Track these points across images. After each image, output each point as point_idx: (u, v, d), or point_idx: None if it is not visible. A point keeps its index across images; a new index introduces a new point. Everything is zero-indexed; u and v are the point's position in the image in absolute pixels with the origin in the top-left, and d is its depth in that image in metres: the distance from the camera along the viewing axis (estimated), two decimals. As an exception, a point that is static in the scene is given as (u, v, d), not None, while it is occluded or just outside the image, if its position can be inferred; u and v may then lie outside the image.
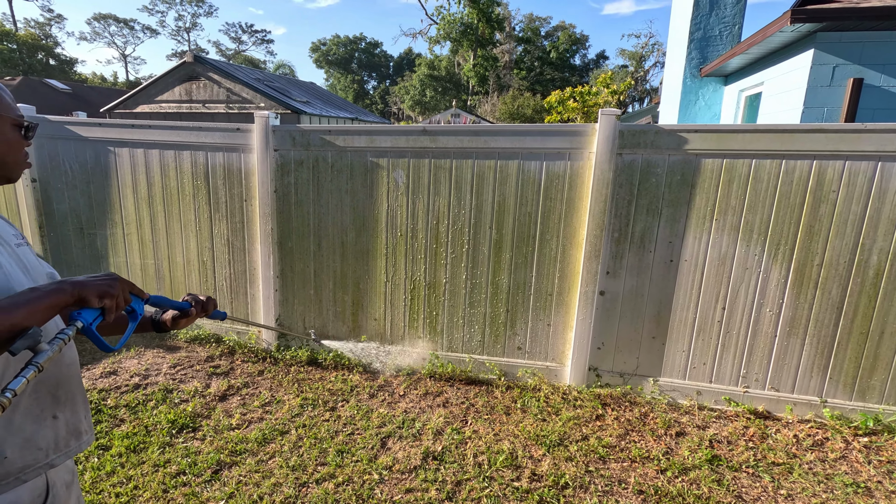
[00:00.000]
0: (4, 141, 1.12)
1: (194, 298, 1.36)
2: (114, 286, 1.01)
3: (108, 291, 1.00)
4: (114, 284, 1.02)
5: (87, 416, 1.27)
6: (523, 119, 28.50)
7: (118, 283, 1.03)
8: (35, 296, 0.92)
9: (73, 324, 0.96)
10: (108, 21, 52.11)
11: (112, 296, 1.01)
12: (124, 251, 4.27)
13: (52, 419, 1.15)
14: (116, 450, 2.75)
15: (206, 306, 1.37)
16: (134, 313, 1.13)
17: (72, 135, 4.14)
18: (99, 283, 1.00)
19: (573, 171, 3.26)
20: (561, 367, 3.56)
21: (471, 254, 3.52)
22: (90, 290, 0.97)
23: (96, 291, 0.98)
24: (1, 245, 1.12)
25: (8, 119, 1.12)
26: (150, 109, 15.79)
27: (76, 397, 1.22)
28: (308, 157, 3.65)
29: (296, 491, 2.49)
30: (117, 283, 1.02)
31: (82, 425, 1.23)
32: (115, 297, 1.01)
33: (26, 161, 1.20)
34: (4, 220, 1.27)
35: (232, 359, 3.90)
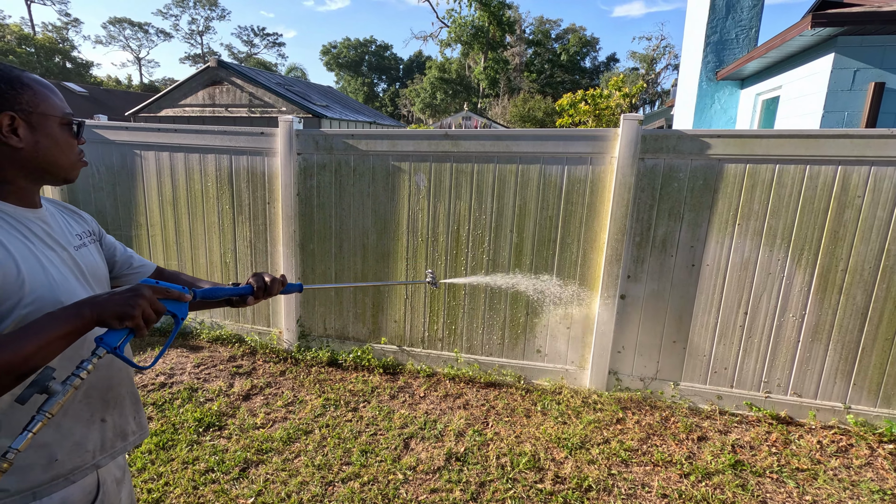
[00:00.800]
0: (54, 141, 1.07)
1: (258, 283, 1.26)
2: (135, 303, 0.93)
3: (127, 312, 0.92)
4: (135, 301, 0.93)
5: (137, 415, 1.28)
6: (534, 121, 28.48)
7: (140, 298, 0.94)
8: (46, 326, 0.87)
9: (96, 353, 0.90)
10: (123, 25, 52.93)
11: (133, 316, 0.93)
12: (149, 252, 4.35)
13: (101, 422, 1.15)
14: (146, 447, 2.81)
15: (270, 289, 1.26)
16: (176, 318, 1.06)
17: (98, 138, 4.23)
18: (118, 302, 0.92)
19: (595, 175, 3.28)
20: (581, 371, 3.57)
21: (491, 257, 3.55)
22: (108, 313, 0.91)
23: (115, 313, 0.91)
24: (53, 248, 1.09)
25: (55, 118, 1.07)
26: (173, 113, 16.02)
27: (125, 400, 1.23)
28: (331, 160, 3.70)
29: (322, 489, 2.53)
30: (139, 300, 0.94)
31: (129, 427, 1.24)
32: (136, 316, 0.93)
33: (81, 160, 1.17)
34: (73, 215, 1.26)
35: (254, 359, 3.95)
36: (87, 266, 1.18)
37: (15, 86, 1.01)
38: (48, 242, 1.09)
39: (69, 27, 48.20)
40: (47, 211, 1.15)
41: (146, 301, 0.95)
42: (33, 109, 1.03)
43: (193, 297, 1.10)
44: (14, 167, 1.04)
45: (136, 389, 1.29)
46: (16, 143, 1.01)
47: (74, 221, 1.24)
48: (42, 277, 1.02)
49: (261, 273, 1.29)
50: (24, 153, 1.03)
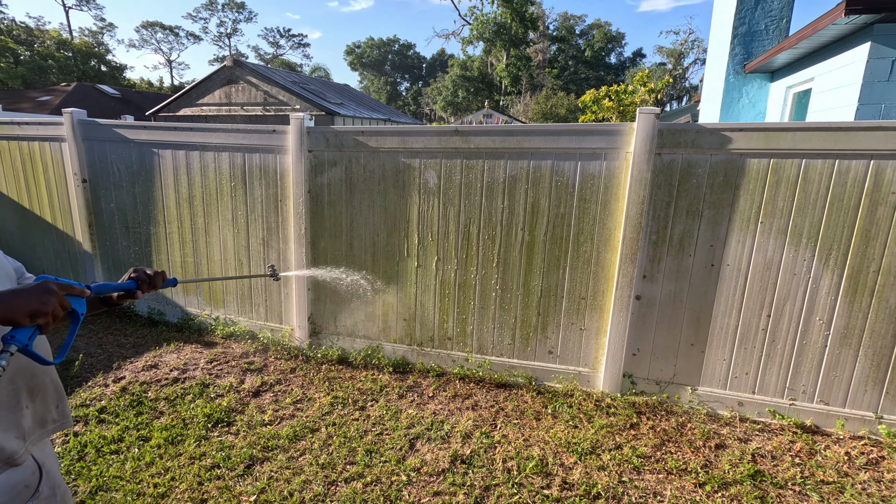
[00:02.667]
0: None
1: (140, 277, 1.31)
2: (46, 301, 0.96)
3: (39, 309, 0.95)
4: (46, 299, 0.96)
5: (60, 404, 1.30)
6: (557, 119, 28.12)
7: (51, 296, 0.97)
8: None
9: (7, 349, 0.92)
10: (155, 28, 54.49)
11: (45, 313, 0.95)
12: (166, 249, 4.42)
13: (25, 409, 1.18)
14: (156, 441, 2.84)
15: (153, 282, 1.33)
16: (75, 314, 1.08)
17: (119, 137, 4.32)
18: (28, 300, 0.94)
19: (609, 171, 3.17)
20: (594, 373, 3.46)
21: (502, 256, 3.48)
22: (18, 311, 0.92)
23: (26, 311, 0.93)
24: None
25: None
26: (191, 112, 16.41)
27: (48, 388, 1.25)
28: (341, 157, 3.68)
29: (325, 489, 2.51)
30: (50, 297, 0.97)
31: (50, 415, 1.26)
32: (48, 313, 0.96)
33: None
34: None
35: (265, 356, 3.98)
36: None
37: None
38: None
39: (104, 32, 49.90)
40: None
41: (56, 298, 0.98)
42: None
43: (88, 294, 1.12)
44: None
45: (58, 379, 1.31)
46: None
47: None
48: None
49: (141, 268, 1.34)
50: None
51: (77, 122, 4.43)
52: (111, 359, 3.86)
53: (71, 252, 4.86)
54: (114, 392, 3.36)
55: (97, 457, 2.71)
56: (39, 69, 34.50)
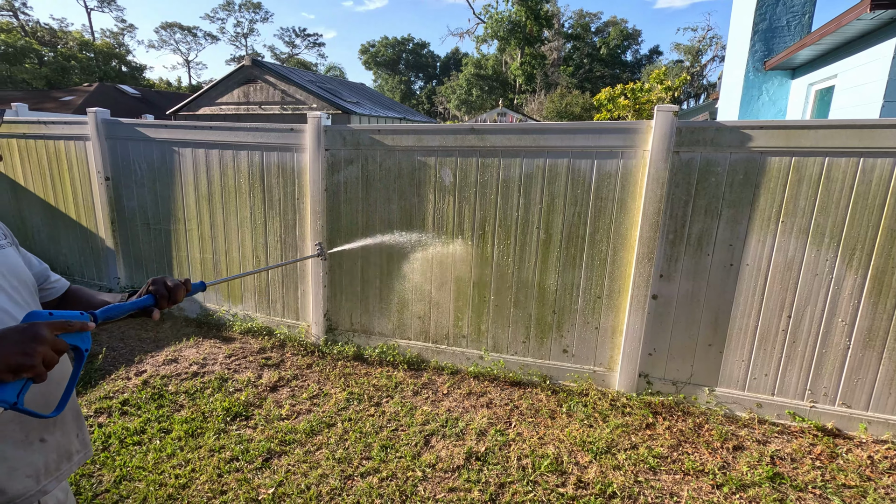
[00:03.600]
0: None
1: (158, 291, 1.13)
2: (32, 351, 0.79)
3: (22, 363, 0.78)
4: (32, 349, 0.79)
5: (80, 433, 1.18)
6: (571, 117, 27.93)
7: (38, 344, 0.80)
8: None
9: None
10: (174, 29, 55.36)
11: (29, 366, 0.78)
12: (185, 246, 4.51)
13: (40, 443, 1.04)
14: (176, 433, 2.91)
15: (174, 296, 1.15)
16: (79, 350, 0.92)
17: (140, 136, 4.41)
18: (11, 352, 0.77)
19: (626, 169, 3.15)
20: (609, 373, 3.45)
21: (517, 254, 3.48)
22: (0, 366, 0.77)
23: (9, 365, 0.77)
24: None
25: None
26: (210, 111, 16.66)
27: (66, 416, 1.11)
28: (358, 156, 3.72)
29: (341, 483, 2.54)
30: (37, 346, 0.80)
31: (73, 446, 1.14)
32: (36, 366, 0.79)
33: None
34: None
35: (282, 351, 4.03)
36: (9, 269, 1.07)
37: None
38: None
39: (125, 33, 50.86)
40: None
41: (46, 345, 0.81)
42: None
43: (95, 320, 0.97)
44: None
45: (77, 405, 1.20)
46: None
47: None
48: None
49: (161, 278, 1.16)
50: None
51: (101, 122, 4.54)
52: (133, 352, 3.95)
53: (94, 248, 4.98)
54: (136, 385, 3.44)
55: (120, 447, 2.78)
56: (62, 70, 35.31)
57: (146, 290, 1.14)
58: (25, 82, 32.01)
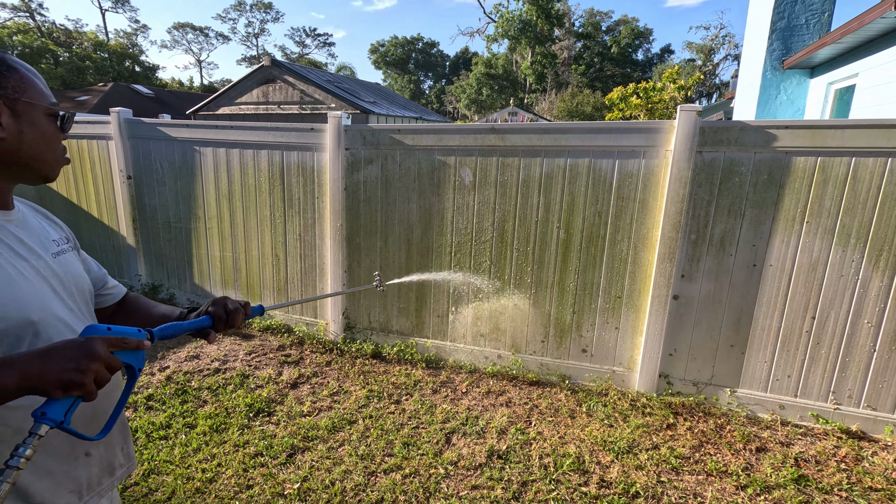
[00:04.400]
0: (39, 132, 0.93)
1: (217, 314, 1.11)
2: (85, 368, 0.75)
3: (75, 380, 0.74)
4: (86, 365, 0.75)
5: (125, 446, 1.15)
6: (582, 116, 27.79)
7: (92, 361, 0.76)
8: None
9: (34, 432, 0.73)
10: (186, 29, 55.91)
11: (81, 384, 0.75)
12: (206, 244, 4.56)
13: (85, 457, 1.01)
14: (201, 428, 2.95)
15: (232, 321, 1.12)
16: (132, 370, 0.90)
17: (162, 135, 4.47)
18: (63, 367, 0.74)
19: (648, 169, 3.14)
20: (629, 373, 3.44)
21: (537, 253, 3.48)
22: (47, 381, 0.73)
23: (59, 381, 0.74)
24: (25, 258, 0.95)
25: (42, 107, 0.93)
26: (230, 111, 16.81)
27: (113, 429, 1.04)
28: (377, 155, 3.74)
29: (365, 479, 2.57)
30: (90, 363, 0.76)
31: (117, 459, 1.11)
32: (87, 384, 0.76)
33: (64, 157, 1.02)
34: (48, 219, 1.13)
35: (301, 349, 4.07)
36: (68, 275, 1.04)
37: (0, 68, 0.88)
38: (19, 250, 0.94)
39: (138, 33, 51.45)
40: (21, 213, 1.01)
41: (100, 362, 0.77)
42: (19, 96, 0.89)
43: (152, 339, 0.96)
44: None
45: (125, 416, 1.15)
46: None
47: (51, 226, 1.11)
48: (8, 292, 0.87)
49: (222, 299, 1.11)
50: (6, 144, 0.89)
51: (123, 121, 4.61)
52: (155, 348, 4.01)
53: (116, 246, 5.05)
54: (160, 381, 3.49)
55: (147, 441, 2.83)
56: (77, 70, 35.80)
57: (205, 311, 1.11)
58: (42, 82, 32.43)
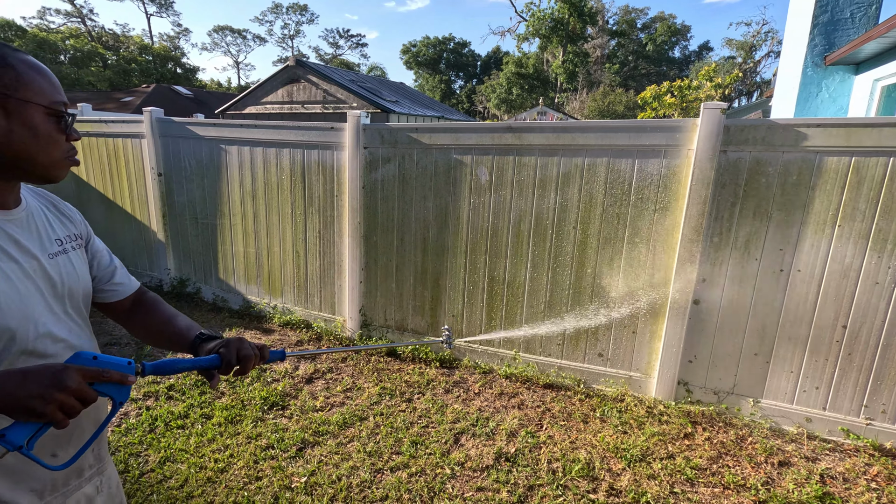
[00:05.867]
0: (31, 132, 0.88)
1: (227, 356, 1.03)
2: (49, 397, 0.75)
3: (37, 408, 0.74)
4: (50, 395, 0.75)
5: (97, 447, 1.13)
6: (614, 116, 27.25)
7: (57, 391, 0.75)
8: None
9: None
10: (225, 32, 57.70)
11: (44, 413, 0.74)
12: (230, 240, 4.69)
13: (51, 457, 0.98)
14: (217, 419, 3.03)
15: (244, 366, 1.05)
16: (113, 402, 0.88)
17: (191, 134, 4.62)
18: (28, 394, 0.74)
19: (668, 169, 3.04)
20: (646, 379, 3.34)
21: (553, 254, 3.42)
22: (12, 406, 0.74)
23: (23, 407, 0.74)
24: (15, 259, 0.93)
25: (39, 107, 0.88)
26: (256, 110, 17.26)
27: (84, 431, 1.04)
28: (395, 154, 3.75)
29: (371, 476, 2.58)
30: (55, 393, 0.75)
31: (86, 461, 1.09)
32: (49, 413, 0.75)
33: (70, 158, 0.97)
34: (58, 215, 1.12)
35: (318, 344, 4.13)
36: (62, 277, 1.02)
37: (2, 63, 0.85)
38: (11, 252, 0.92)
39: (180, 36, 53.43)
40: (25, 211, 1.00)
41: (68, 394, 0.77)
42: (11, 93, 0.85)
43: (142, 373, 0.92)
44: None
45: (101, 416, 1.10)
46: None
47: (59, 223, 1.09)
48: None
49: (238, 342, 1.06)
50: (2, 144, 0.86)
51: (155, 120, 4.78)
52: (180, 340, 4.15)
53: (146, 241, 5.25)
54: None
55: (165, 430, 2.93)
56: (124, 72, 37.45)
57: (216, 349, 1.05)
58: (91, 84, 34.16)
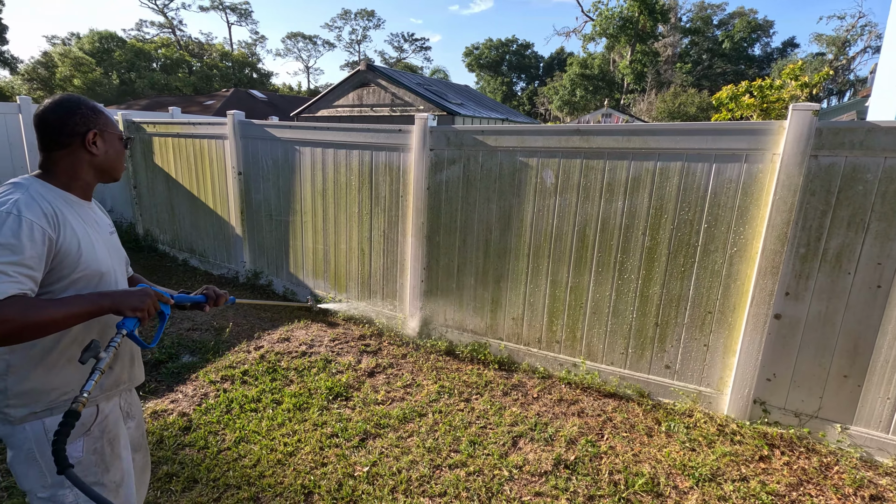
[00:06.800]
0: (116, 151, 1.53)
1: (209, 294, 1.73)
2: (144, 301, 1.35)
3: (138, 306, 1.34)
4: (144, 300, 1.35)
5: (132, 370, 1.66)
6: (685, 118, 25.92)
7: (148, 299, 1.36)
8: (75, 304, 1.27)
9: (120, 332, 1.32)
10: (297, 38, 60.58)
11: (142, 309, 1.34)
12: (300, 235, 4.94)
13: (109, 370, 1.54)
14: (286, 405, 3.20)
15: (217, 301, 1.75)
16: (163, 315, 1.51)
17: (268, 135, 4.91)
18: (134, 301, 1.34)
19: (750, 174, 2.87)
20: (717, 395, 3.17)
21: (619, 260, 3.33)
22: (126, 306, 1.33)
23: (131, 306, 1.33)
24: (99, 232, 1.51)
25: (117, 135, 1.53)
26: (328, 113, 17.98)
27: (124, 358, 1.61)
28: (460, 155, 3.80)
29: (430, 471, 2.63)
30: (147, 300, 1.36)
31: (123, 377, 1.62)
32: (145, 309, 1.35)
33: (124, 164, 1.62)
34: (104, 212, 1.68)
35: (380, 340, 4.26)
36: (115, 247, 1.62)
37: (96, 111, 1.46)
38: (96, 227, 1.50)
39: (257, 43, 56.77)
40: (94, 203, 1.59)
41: (152, 301, 1.38)
42: (106, 128, 1.47)
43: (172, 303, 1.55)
44: (89, 169, 1.48)
45: (137, 351, 1.70)
46: (95, 151, 1.46)
47: (105, 214, 1.67)
48: (92, 253, 1.42)
49: (211, 286, 1.77)
50: (98, 159, 1.47)
51: (237, 122, 5.13)
52: (253, 329, 4.43)
53: (226, 235, 5.64)
54: (254, 358, 3.84)
55: (240, 412, 3.13)
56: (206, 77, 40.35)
57: (201, 292, 1.74)
58: (178, 89, 37.09)
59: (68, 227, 1.35)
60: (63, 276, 1.34)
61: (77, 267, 1.36)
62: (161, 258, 6.45)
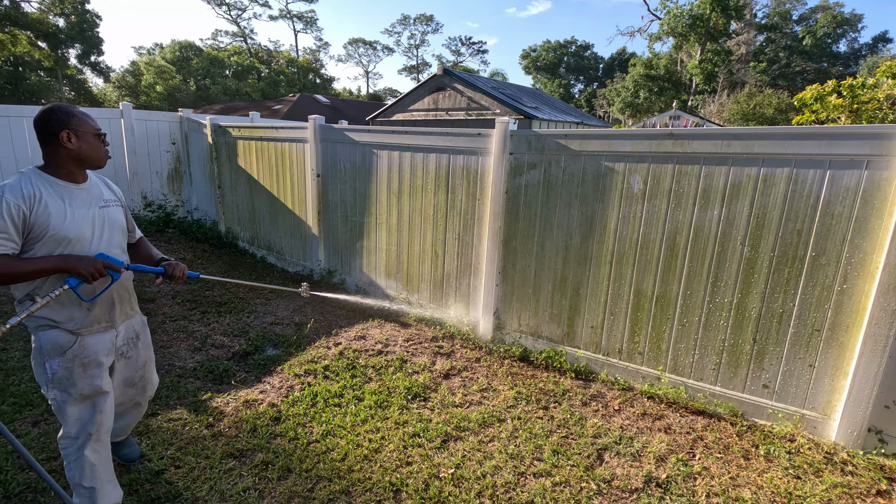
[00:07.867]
0: (90, 145, 1.97)
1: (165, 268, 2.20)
2: (89, 267, 1.87)
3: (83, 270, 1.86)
4: (88, 266, 1.87)
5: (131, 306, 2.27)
6: (761, 120, 24.35)
7: (92, 266, 1.88)
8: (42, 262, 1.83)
9: (62, 286, 1.85)
10: (358, 44, 62.48)
11: (87, 272, 1.86)
12: (374, 237, 5.06)
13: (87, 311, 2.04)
14: (367, 402, 3.28)
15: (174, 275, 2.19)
16: (112, 279, 2.03)
17: (347, 139, 5.07)
18: (82, 264, 1.86)
19: (870, 182, 2.64)
20: (823, 419, 2.93)
21: (713, 271, 3.16)
22: (74, 268, 1.85)
23: (77, 269, 1.85)
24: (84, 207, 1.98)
25: (91, 132, 1.98)
26: (403, 117, 18.36)
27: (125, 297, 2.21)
28: (541, 160, 3.75)
29: (515, 478, 2.60)
30: (92, 267, 1.88)
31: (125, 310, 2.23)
32: (88, 273, 1.86)
33: (107, 154, 2.06)
34: (108, 187, 2.17)
35: (452, 342, 4.28)
36: (105, 218, 2.07)
37: (69, 114, 1.92)
38: (81, 203, 1.98)
39: (321, 50, 59.05)
40: (92, 184, 2.07)
41: (96, 269, 1.89)
42: (79, 128, 1.94)
43: (126, 268, 2.08)
44: (69, 160, 1.95)
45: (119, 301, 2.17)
46: (70, 146, 1.92)
47: (108, 191, 2.16)
48: (61, 223, 1.89)
49: (175, 262, 2.21)
50: (74, 152, 1.94)
51: (318, 127, 5.33)
52: (331, 326, 4.58)
53: (302, 234, 5.88)
54: (334, 354, 3.97)
55: (325, 406, 3.24)
56: (273, 83, 42.42)
57: (162, 265, 2.22)
58: (248, 94, 39.22)
59: (42, 204, 1.85)
60: (37, 237, 1.85)
61: (47, 232, 1.85)
62: (241, 255, 6.82)
